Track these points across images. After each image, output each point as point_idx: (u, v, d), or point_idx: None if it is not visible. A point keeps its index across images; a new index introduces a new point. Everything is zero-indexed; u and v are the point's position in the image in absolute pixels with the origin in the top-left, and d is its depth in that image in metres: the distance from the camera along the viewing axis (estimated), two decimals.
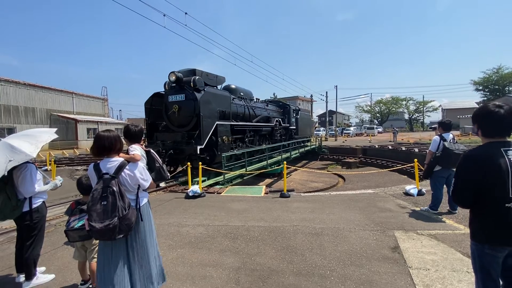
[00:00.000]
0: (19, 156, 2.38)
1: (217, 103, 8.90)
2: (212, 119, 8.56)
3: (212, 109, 8.60)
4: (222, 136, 8.96)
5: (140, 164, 2.10)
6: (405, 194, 5.88)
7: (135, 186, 2.05)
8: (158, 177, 2.48)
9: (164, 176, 2.55)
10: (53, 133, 2.90)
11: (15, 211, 2.58)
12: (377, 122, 61.55)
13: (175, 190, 7.31)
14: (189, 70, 9.11)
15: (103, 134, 2.02)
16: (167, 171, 2.60)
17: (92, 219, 1.82)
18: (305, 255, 3.13)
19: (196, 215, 4.83)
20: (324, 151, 21.37)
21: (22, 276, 2.70)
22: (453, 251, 3.10)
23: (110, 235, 1.84)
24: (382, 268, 2.78)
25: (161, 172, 2.51)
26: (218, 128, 8.75)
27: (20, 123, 25.71)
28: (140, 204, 2.11)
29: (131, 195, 2.06)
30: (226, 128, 9.27)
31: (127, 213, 1.88)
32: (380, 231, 3.79)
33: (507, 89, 47.03)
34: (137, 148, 2.41)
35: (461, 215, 4.35)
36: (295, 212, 4.81)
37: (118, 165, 1.97)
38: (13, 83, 25.61)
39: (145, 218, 2.16)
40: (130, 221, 1.91)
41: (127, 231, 1.93)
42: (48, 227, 4.36)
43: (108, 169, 1.95)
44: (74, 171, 13.82)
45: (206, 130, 8.20)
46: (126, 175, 1.98)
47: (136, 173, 2.02)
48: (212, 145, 8.61)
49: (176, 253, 3.30)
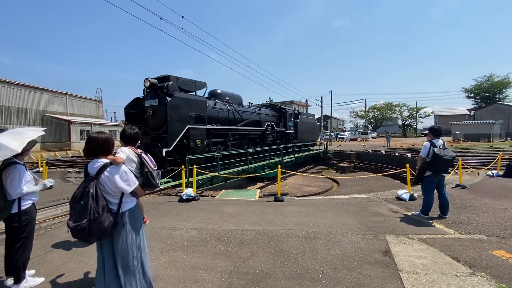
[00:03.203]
0: (3, 152, 2.34)
1: (189, 108, 9.04)
2: (183, 123, 8.75)
3: (182, 113, 8.76)
4: (196, 140, 9.14)
5: (122, 168, 2.02)
6: (397, 199, 5.96)
7: (116, 189, 1.99)
8: (145, 183, 2.26)
9: (152, 183, 2.30)
10: (40, 131, 2.85)
11: (3, 212, 2.54)
12: (371, 127, 62.23)
13: (169, 193, 7.26)
14: (164, 76, 9.44)
15: (92, 136, 2.07)
16: (157, 178, 2.35)
17: (70, 217, 1.87)
18: (297, 259, 3.15)
19: (189, 218, 4.82)
20: (329, 156, 20.62)
21: (11, 279, 2.66)
22: (442, 255, 3.15)
23: (80, 236, 1.85)
24: (373, 272, 2.81)
25: (149, 179, 2.27)
26: (190, 131, 8.94)
27: (12, 124, 25.24)
28: (122, 209, 2.04)
29: (114, 198, 2.02)
30: (201, 131, 9.45)
31: (99, 217, 1.85)
32: (372, 235, 3.83)
33: (497, 96, 48.11)
34: (124, 150, 2.28)
35: (451, 220, 4.43)
36: (288, 216, 4.83)
37: (100, 166, 1.97)
38: (5, 83, 25.21)
39: (128, 225, 2.05)
40: (101, 225, 1.86)
41: (99, 235, 1.89)
42: (39, 230, 4.29)
43: (92, 170, 1.98)
44: (66, 173, 13.60)
45: (175, 133, 8.44)
46: (105, 177, 1.95)
47: (115, 176, 1.96)
48: (184, 148, 8.88)
49: (168, 257, 3.28)
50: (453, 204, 5.14)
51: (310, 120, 20.77)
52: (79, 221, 1.82)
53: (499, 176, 8.36)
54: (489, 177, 8.38)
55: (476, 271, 2.78)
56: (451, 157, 4.28)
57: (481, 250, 3.27)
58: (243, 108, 13.18)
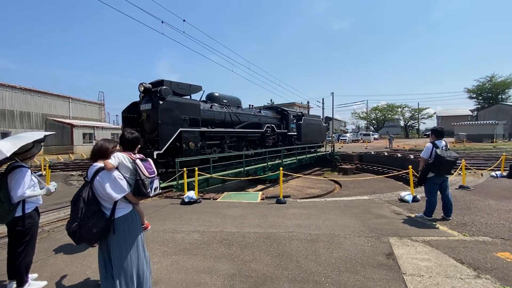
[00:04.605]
0: None
1: (181, 111, 9.15)
2: (175, 126, 8.86)
3: (174, 117, 8.88)
4: (188, 142, 9.22)
5: (113, 174, 1.95)
6: (400, 201, 5.93)
7: (106, 195, 1.94)
8: (136, 191, 2.03)
9: (142, 191, 2.02)
10: (41, 135, 2.80)
11: (8, 216, 2.55)
12: (373, 128, 62.03)
13: (170, 196, 7.28)
14: (158, 81, 9.60)
15: (99, 141, 2.16)
16: (149, 187, 2.05)
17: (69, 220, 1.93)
18: (300, 262, 3.13)
19: (191, 221, 4.81)
20: (336, 158, 19.86)
21: (13, 283, 2.66)
22: (446, 258, 3.12)
23: (73, 238, 1.89)
24: (376, 275, 2.79)
25: (139, 187, 2.01)
26: (183, 134, 9.04)
27: (15, 128, 25.48)
28: (116, 215, 1.99)
29: (107, 203, 1.99)
30: (194, 134, 9.54)
31: (87, 221, 1.86)
32: (375, 237, 3.81)
33: (500, 97, 47.86)
34: (118, 156, 2.09)
35: (455, 222, 4.39)
36: (290, 219, 4.82)
37: (94, 171, 1.99)
38: (9, 87, 25.48)
39: (119, 232, 1.99)
40: (90, 230, 1.85)
41: (89, 239, 1.91)
42: (41, 233, 4.31)
43: (89, 174, 2.02)
44: (69, 176, 13.67)
45: (166, 136, 8.56)
46: (97, 182, 1.95)
47: (105, 183, 1.92)
48: (176, 150, 9.00)
49: (170, 260, 3.28)
50: (456, 206, 5.10)
51: (315, 121, 20.06)
52: (71, 224, 1.87)
53: (503, 177, 8.29)
54: (492, 178, 8.32)
55: (481, 274, 2.75)
56: (454, 158, 4.26)
57: (486, 252, 3.23)
58: (241, 110, 13.18)
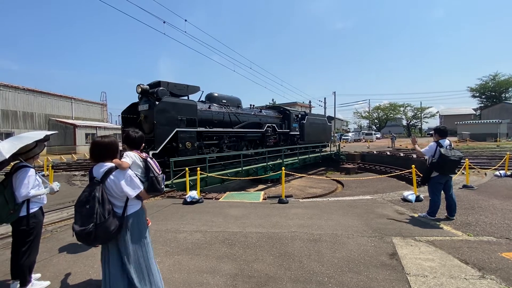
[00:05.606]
0: None
1: (178, 111, 9.22)
2: (171, 126, 8.94)
3: (170, 117, 8.96)
4: (185, 142, 9.29)
5: (128, 173, 2.04)
6: (403, 200, 5.90)
7: (121, 193, 1.99)
8: (150, 188, 2.24)
9: (157, 188, 2.26)
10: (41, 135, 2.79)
11: (12, 215, 2.56)
12: (375, 128, 61.82)
13: (173, 195, 7.29)
14: (156, 82, 9.69)
15: (97, 140, 2.09)
16: (162, 183, 2.33)
17: (75, 221, 1.86)
18: (302, 262, 3.12)
19: (193, 221, 4.81)
20: (342, 157, 19.67)
21: (17, 283, 2.67)
22: (451, 258, 3.10)
23: (86, 240, 1.86)
24: (380, 275, 2.77)
25: (154, 183, 2.24)
26: (179, 134, 9.10)
27: (19, 128, 25.67)
28: (127, 213, 2.05)
29: (119, 202, 2.03)
30: (191, 134, 9.59)
31: (105, 221, 1.86)
32: (378, 237, 3.79)
33: (503, 95, 47.52)
34: (130, 155, 2.24)
35: (458, 222, 4.36)
36: (293, 218, 4.80)
37: (105, 170, 1.98)
38: (12, 88, 25.68)
39: (132, 229, 2.08)
40: (108, 229, 1.86)
41: (105, 239, 1.91)
42: (45, 233, 4.32)
43: (98, 174, 1.99)
44: (72, 176, 13.75)
45: (162, 136, 8.64)
46: (111, 182, 1.96)
47: (121, 181, 1.97)
48: (173, 150, 9.09)
49: (173, 260, 3.28)
50: (460, 205, 5.06)
51: (319, 121, 19.77)
52: (85, 225, 1.82)
53: (507, 177, 8.23)
54: (496, 177, 8.26)
55: (486, 274, 2.72)
56: (458, 157, 4.22)
57: (490, 252, 3.20)
58: (241, 110, 13.16)
